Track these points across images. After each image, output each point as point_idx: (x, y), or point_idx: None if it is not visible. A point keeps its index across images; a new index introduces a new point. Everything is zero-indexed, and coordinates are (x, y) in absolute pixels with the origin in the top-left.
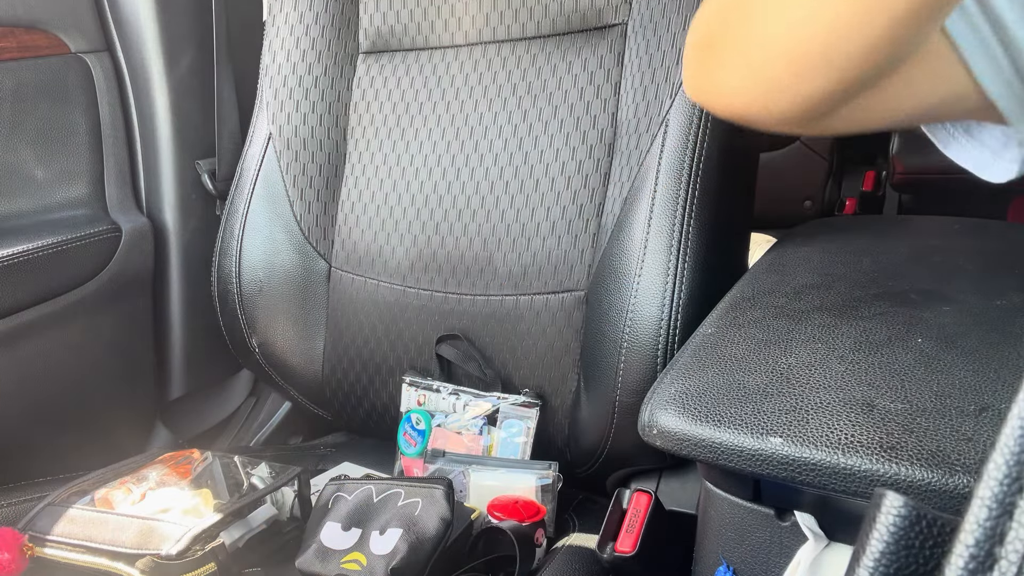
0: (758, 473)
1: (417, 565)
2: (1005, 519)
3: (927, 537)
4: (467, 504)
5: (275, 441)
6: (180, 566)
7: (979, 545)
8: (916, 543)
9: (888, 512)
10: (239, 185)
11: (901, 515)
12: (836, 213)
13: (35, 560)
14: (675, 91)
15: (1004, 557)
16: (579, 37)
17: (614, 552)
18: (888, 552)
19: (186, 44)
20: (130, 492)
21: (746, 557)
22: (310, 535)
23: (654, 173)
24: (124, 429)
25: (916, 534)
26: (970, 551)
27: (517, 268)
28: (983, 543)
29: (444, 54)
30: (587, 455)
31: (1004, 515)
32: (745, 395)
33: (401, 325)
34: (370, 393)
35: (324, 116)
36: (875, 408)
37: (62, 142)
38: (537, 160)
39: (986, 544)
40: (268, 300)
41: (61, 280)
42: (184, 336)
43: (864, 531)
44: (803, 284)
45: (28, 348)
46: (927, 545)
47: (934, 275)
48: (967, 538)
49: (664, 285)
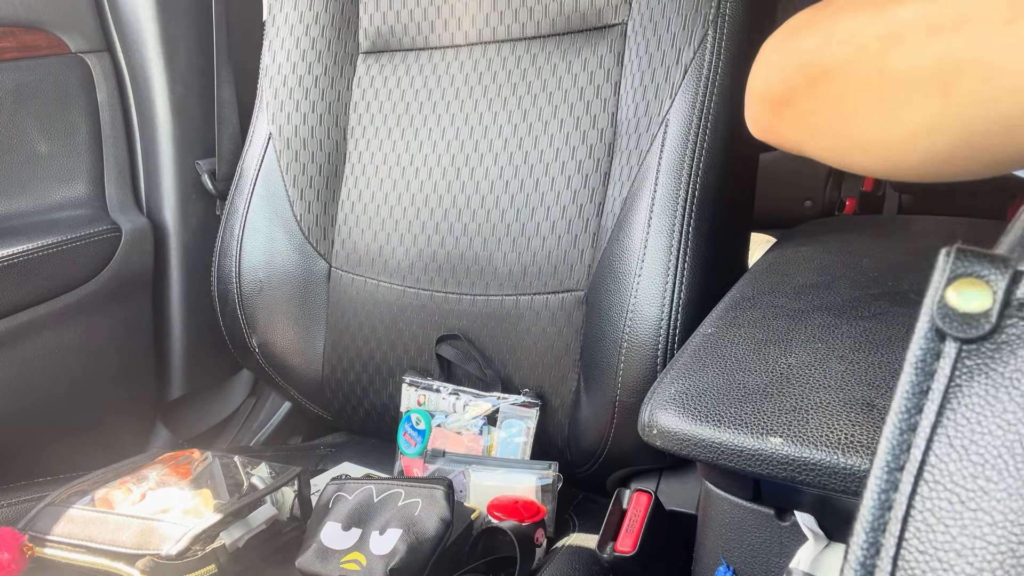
0: (758, 473)
1: (416, 565)
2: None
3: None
4: (467, 504)
5: (275, 441)
6: (180, 566)
7: None
8: None
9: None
10: (239, 185)
11: None
12: (836, 213)
13: (35, 560)
14: (675, 91)
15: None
16: (579, 37)
17: (614, 552)
18: None
19: (186, 44)
20: (130, 492)
21: (746, 557)
22: (310, 535)
23: (654, 173)
24: (124, 429)
25: None
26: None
27: (517, 268)
28: None
29: (444, 54)
30: (587, 455)
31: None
32: (745, 395)
33: (401, 325)
34: (370, 393)
35: (324, 116)
36: (875, 408)
37: (62, 142)
38: (537, 160)
39: None
40: (268, 300)
41: (61, 280)
42: (184, 336)
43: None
44: (803, 284)
45: (28, 348)
46: None
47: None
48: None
49: (664, 285)
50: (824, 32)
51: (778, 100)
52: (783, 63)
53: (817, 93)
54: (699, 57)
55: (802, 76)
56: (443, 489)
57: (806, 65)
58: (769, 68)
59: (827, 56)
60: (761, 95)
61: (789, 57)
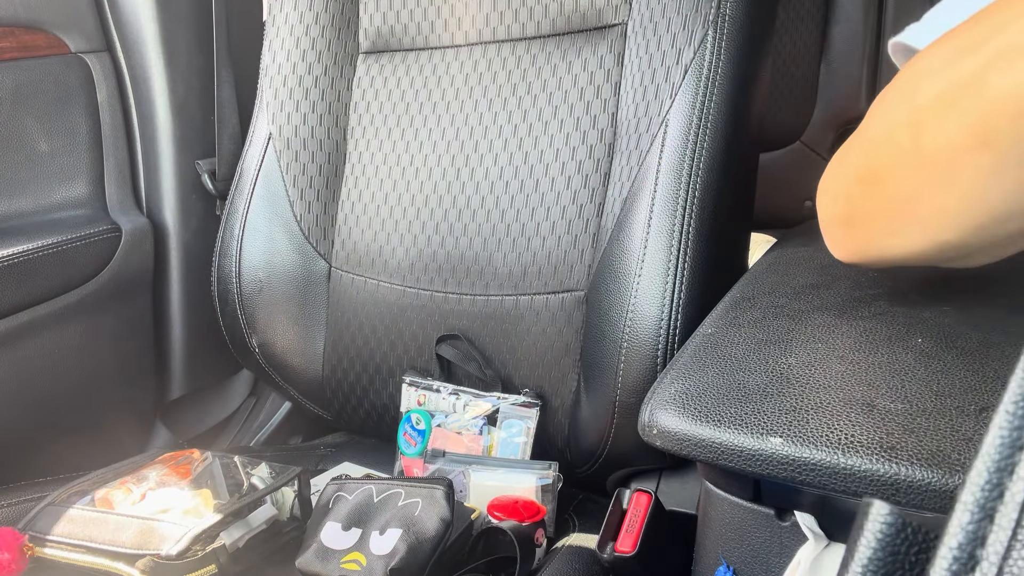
0: (758, 473)
1: (416, 565)
2: (986, 523)
3: (912, 544)
4: (467, 504)
5: (275, 441)
6: (180, 566)
7: (962, 548)
8: (902, 550)
9: (875, 520)
10: (239, 185)
11: (888, 523)
12: None
13: (35, 560)
14: (675, 91)
15: (985, 559)
16: (579, 37)
17: (614, 552)
18: (876, 559)
19: (186, 44)
20: (130, 492)
21: (746, 557)
22: (310, 535)
23: (654, 173)
24: (124, 429)
25: (902, 541)
26: (953, 554)
27: (517, 268)
28: (965, 546)
29: (444, 54)
30: (587, 455)
31: (985, 519)
32: (745, 395)
33: (401, 325)
34: (370, 393)
35: (324, 116)
36: (875, 408)
37: (62, 142)
38: (537, 160)
39: (968, 547)
40: (268, 300)
41: (61, 280)
42: (184, 336)
43: (852, 539)
44: (803, 284)
45: (28, 348)
46: (912, 551)
47: (934, 275)
48: (951, 541)
49: (664, 285)
50: (861, 139)
51: (846, 217)
52: (837, 185)
53: (874, 195)
54: (699, 57)
55: (858, 187)
56: (443, 489)
57: (858, 178)
58: (827, 195)
59: (871, 161)
60: (831, 220)
61: (841, 176)
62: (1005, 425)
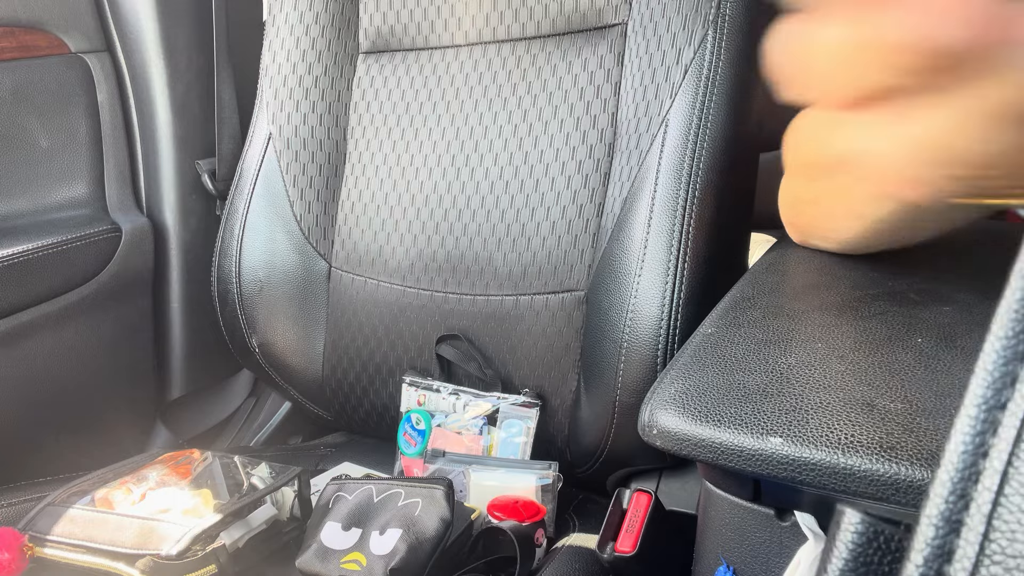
0: (758, 473)
1: (416, 565)
2: (952, 537)
3: (884, 552)
4: (467, 504)
5: (275, 441)
6: (180, 566)
7: (928, 564)
8: (875, 559)
9: (847, 529)
10: (239, 185)
11: (859, 531)
12: None
13: (35, 560)
14: (675, 91)
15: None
16: (579, 37)
17: (614, 552)
18: (847, 569)
19: (186, 44)
20: (130, 492)
21: (746, 557)
22: (310, 535)
23: (654, 173)
24: (124, 429)
25: (874, 550)
26: (920, 571)
27: (517, 268)
28: (932, 562)
29: (444, 54)
30: (587, 455)
31: (951, 533)
32: (745, 395)
33: (401, 325)
34: (370, 393)
35: (324, 116)
36: (875, 408)
37: (62, 142)
38: (537, 160)
39: (935, 563)
40: (268, 300)
41: (61, 280)
42: (184, 336)
43: (826, 547)
44: (803, 284)
45: (28, 348)
46: (886, 560)
47: (934, 275)
48: (916, 558)
49: (664, 285)
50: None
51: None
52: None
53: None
54: (699, 57)
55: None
56: (443, 489)
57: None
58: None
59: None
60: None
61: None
62: (967, 430)
